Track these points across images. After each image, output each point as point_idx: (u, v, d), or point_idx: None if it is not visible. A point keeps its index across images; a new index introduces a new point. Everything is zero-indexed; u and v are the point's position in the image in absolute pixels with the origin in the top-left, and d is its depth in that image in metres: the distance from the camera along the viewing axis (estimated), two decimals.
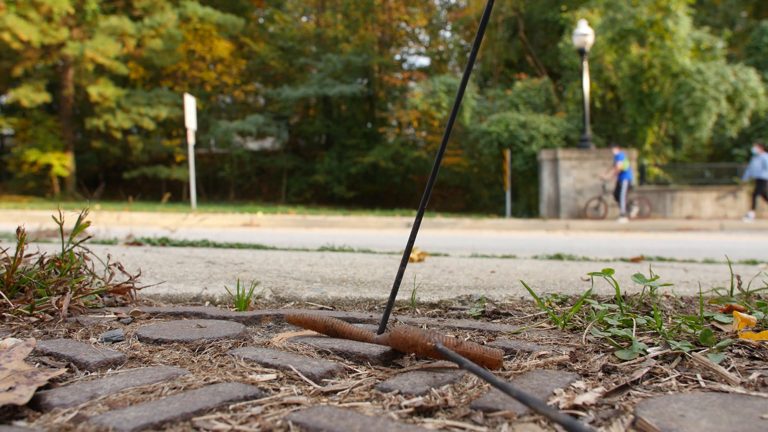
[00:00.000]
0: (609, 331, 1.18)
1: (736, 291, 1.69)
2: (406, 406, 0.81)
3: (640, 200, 14.76)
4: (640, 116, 17.17)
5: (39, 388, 0.84)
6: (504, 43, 23.66)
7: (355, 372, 1.00)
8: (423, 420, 0.77)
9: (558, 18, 20.21)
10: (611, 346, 1.14)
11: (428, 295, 1.76)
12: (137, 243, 4.07)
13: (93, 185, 25.88)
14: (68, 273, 1.51)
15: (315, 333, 1.32)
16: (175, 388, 0.87)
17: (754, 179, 14.02)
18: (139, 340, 1.19)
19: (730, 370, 0.97)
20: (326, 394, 0.88)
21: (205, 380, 0.91)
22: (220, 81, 27.01)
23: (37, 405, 0.80)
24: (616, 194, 13.93)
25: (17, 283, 1.42)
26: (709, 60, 17.13)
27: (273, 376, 0.94)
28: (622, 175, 13.87)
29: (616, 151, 13.99)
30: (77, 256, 1.57)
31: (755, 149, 13.91)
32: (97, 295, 1.58)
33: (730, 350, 1.10)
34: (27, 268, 1.48)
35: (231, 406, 0.80)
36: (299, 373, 0.96)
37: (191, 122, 15.02)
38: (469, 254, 3.92)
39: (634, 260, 3.48)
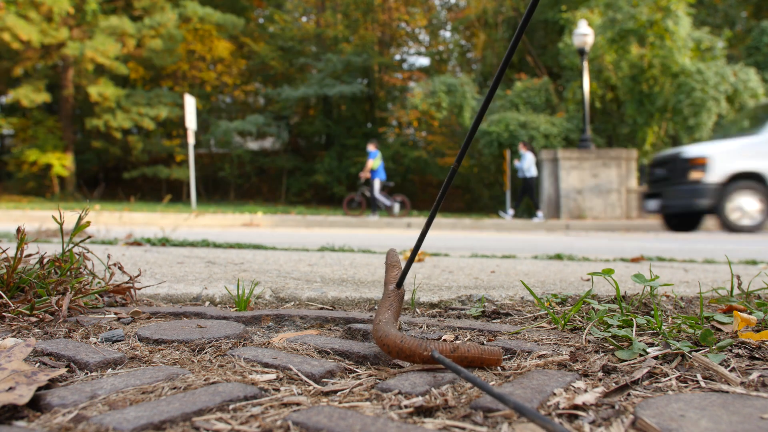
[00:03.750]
0: (609, 331, 1.18)
1: (736, 291, 1.69)
2: (406, 406, 0.81)
3: (399, 199, 14.98)
4: (640, 116, 17.17)
5: (39, 388, 0.84)
6: (504, 43, 23.66)
7: (355, 372, 1.00)
8: (423, 420, 0.77)
9: (558, 18, 20.21)
10: (611, 346, 1.14)
11: (428, 295, 1.76)
12: (137, 243, 4.07)
13: (93, 185, 25.88)
14: (68, 273, 1.51)
15: (315, 333, 1.32)
16: (175, 388, 0.87)
17: (521, 179, 14.12)
18: (139, 340, 1.19)
19: (730, 370, 0.97)
20: (326, 394, 0.88)
21: (205, 380, 0.91)
22: (220, 81, 27.02)
23: (37, 405, 0.80)
24: (380, 191, 14.10)
25: (17, 283, 1.42)
26: (709, 60, 17.13)
27: (273, 376, 0.94)
28: (374, 173, 13.94)
29: (371, 148, 14.09)
30: (77, 256, 1.57)
31: (521, 149, 14.02)
32: (97, 295, 1.58)
33: (730, 350, 1.10)
34: (27, 268, 1.48)
35: (231, 406, 0.80)
36: (299, 373, 0.96)
37: (191, 122, 15.03)
38: (469, 254, 3.92)
39: (634, 260, 3.49)
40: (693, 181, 9.93)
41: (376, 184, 13.94)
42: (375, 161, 13.89)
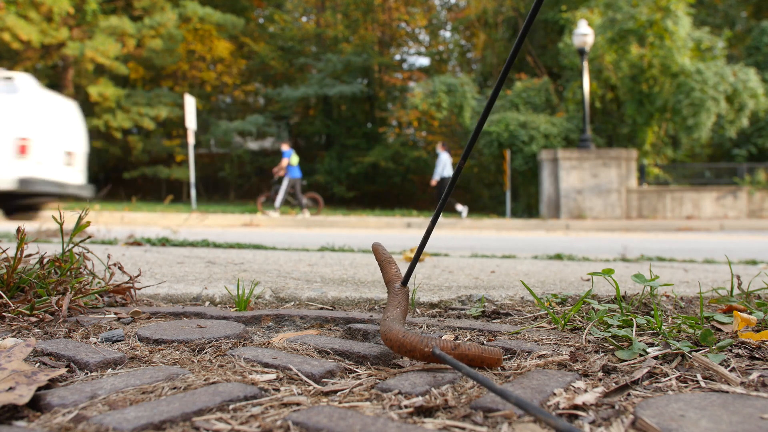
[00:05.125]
0: (609, 331, 1.18)
1: (736, 291, 1.69)
2: (406, 406, 0.81)
3: (311, 197, 15.10)
4: (640, 116, 17.17)
5: (39, 388, 0.84)
6: (504, 43, 23.66)
7: (355, 372, 1.00)
8: (423, 420, 0.77)
9: (558, 18, 20.21)
10: (611, 346, 1.14)
11: (428, 295, 1.76)
12: (137, 243, 4.07)
13: (93, 185, 25.86)
14: (68, 273, 1.51)
15: (315, 333, 1.32)
16: (175, 388, 0.87)
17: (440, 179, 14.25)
18: (139, 340, 1.19)
19: (730, 370, 0.97)
20: (326, 394, 0.88)
21: (205, 380, 0.91)
22: (220, 81, 27.02)
23: (37, 405, 0.80)
24: (287, 190, 14.31)
25: (17, 283, 1.42)
26: (708, 60, 17.13)
27: (273, 376, 0.94)
28: (290, 171, 14.15)
29: (284, 147, 14.28)
30: (77, 256, 1.57)
31: (438, 149, 14.16)
32: (97, 295, 1.58)
33: (730, 350, 1.10)
34: (27, 268, 1.48)
35: (231, 406, 0.80)
36: (299, 373, 0.96)
37: (191, 122, 15.04)
38: (469, 254, 3.92)
39: (634, 260, 3.49)
40: None
41: (286, 182, 14.11)
42: (288, 160, 14.10)
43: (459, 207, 14.36)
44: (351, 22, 27.15)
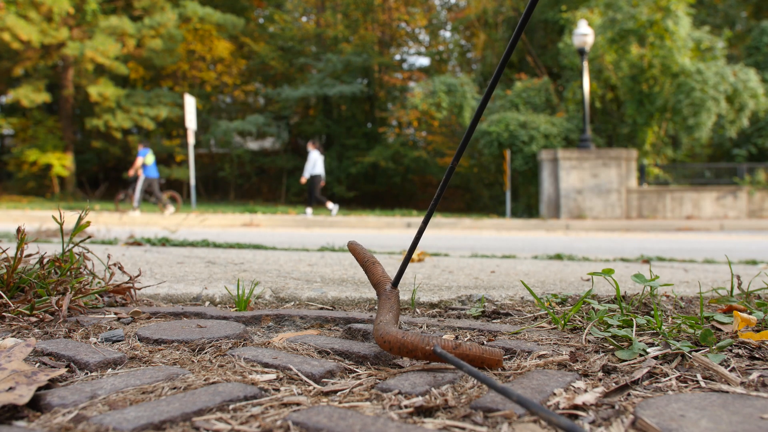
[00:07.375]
0: (609, 331, 1.18)
1: (736, 291, 1.68)
2: (406, 406, 0.80)
3: (170, 196, 15.19)
4: (640, 116, 17.17)
5: (39, 388, 0.84)
6: (504, 43, 23.63)
7: (355, 372, 1.00)
8: (423, 420, 0.77)
9: (558, 18, 20.21)
10: (611, 346, 1.14)
11: (428, 295, 1.76)
12: (137, 243, 4.07)
13: (93, 185, 25.88)
14: (68, 273, 1.51)
15: (315, 333, 1.32)
16: (175, 388, 0.87)
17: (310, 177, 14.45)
18: (139, 340, 1.19)
19: (730, 370, 0.97)
20: (326, 394, 0.88)
21: (205, 380, 0.91)
22: (220, 81, 27.01)
23: (37, 405, 0.80)
24: (143, 189, 14.33)
25: (17, 283, 1.42)
26: (709, 60, 17.11)
27: (273, 376, 0.94)
28: (146, 170, 14.22)
29: (140, 147, 14.47)
30: (77, 256, 1.57)
31: (309, 147, 14.40)
32: (97, 295, 1.57)
33: (730, 350, 1.10)
34: (27, 268, 1.48)
35: (231, 406, 0.80)
36: (299, 373, 0.96)
37: (191, 122, 15.06)
38: (469, 254, 3.92)
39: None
40: None
41: (140, 181, 14.17)
42: (143, 158, 14.20)
43: (330, 205, 14.43)
44: (351, 22, 27.14)
